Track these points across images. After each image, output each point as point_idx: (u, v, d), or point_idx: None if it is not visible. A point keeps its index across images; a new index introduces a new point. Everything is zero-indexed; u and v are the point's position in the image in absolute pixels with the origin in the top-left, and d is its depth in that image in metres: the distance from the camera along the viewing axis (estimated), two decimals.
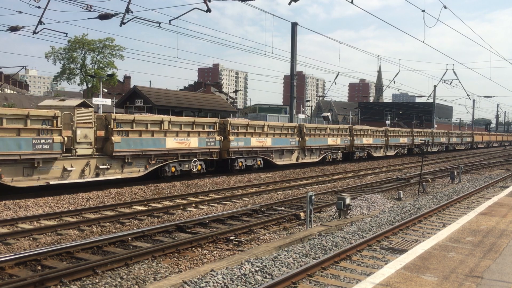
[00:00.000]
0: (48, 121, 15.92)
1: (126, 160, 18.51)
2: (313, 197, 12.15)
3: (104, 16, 19.56)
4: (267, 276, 8.05)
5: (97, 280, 7.94)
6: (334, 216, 13.78)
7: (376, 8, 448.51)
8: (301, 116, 57.82)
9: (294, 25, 36.92)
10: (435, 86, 67.66)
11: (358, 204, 15.57)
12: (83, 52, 70.77)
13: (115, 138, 17.99)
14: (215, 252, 10.05)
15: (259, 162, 26.07)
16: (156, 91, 42.84)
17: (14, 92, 70.30)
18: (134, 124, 18.98)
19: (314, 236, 11.08)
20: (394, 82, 46.80)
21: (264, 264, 8.47)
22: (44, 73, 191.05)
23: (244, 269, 8.09)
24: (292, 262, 8.84)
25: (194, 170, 21.76)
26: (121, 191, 17.43)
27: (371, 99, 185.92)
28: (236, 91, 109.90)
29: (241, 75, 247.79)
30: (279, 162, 27.76)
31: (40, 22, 19.97)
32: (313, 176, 25.21)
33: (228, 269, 8.09)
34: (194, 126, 21.80)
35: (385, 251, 10.03)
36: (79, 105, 17.23)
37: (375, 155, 39.81)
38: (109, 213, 13.97)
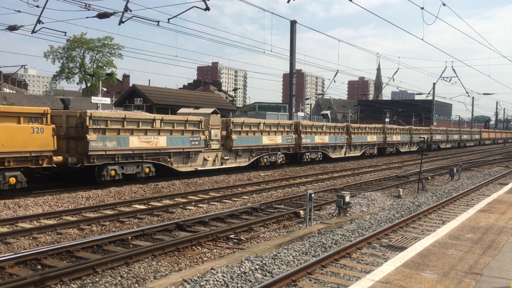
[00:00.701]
0: (197, 124, 21.93)
1: (238, 153, 24.91)
2: (312, 195, 12.15)
3: (103, 15, 19.55)
4: (267, 274, 8.06)
5: (97, 279, 7.95)
6: (333, 214, 13.79)
7: (375, 6, 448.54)
8: (301, 114, 57.81)
9: (293, 23, 36.91)
10: (434, 84, 67.65)
11: (358, 201, 15.58)
12: (82, 51, 70.79)
13: (233, 136, 24.35)
14: (215, 250, 10.06)
15: (319, 156, 32.00)
16: (155, 90, 42.83)
17: (13, 92, 70.25)
18: (243, 126, 25.26)
19: (313, 234, 11.10)
20: (394, 80, 46.86)
21: (264, 262, 8.48)
22: (43, 72, 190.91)
23: (244, 267, 8.11)
24: (292, 260, 8.85)
25: (279, 161, 27.88)
26: (120, 190, 17.43)
27: (371, 97, 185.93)
28: (235, 90, 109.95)
29: (241, 73, 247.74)
30: (333, 155, 33.82)
31: (38, 21, 19.96)
32: (313, 174, 25.23)
33: (228, 267, 8.10)
34: (279, 127, 27.99)
35: (384, 249, 10.04)
36: (212, 113, 24.09)
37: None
38: (109, 212, 13.98)
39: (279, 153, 27.78)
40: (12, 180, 14.98)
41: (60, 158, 16.50)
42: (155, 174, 19.89)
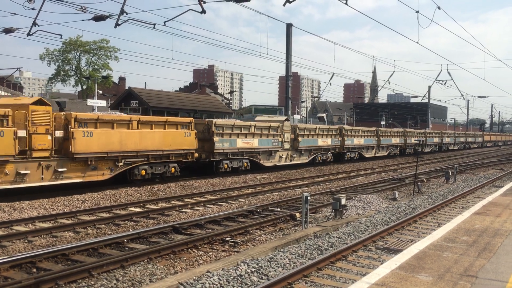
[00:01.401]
0: (276, 129, 28.03)
1: (302, 152, 31.09)
2: (308, 198, 12.17)
3: (98, 18, 19.52)
4: (263, 277, 8.06)
5: (92, 282, 7.92)
6: (329, 217, 13.81)
7: (370, 9, 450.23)
8: (297, 117, 57.87)
9: (289, 26, 37.00)
10: (429, 87, 67.97)
11: (354, 204, 15.61)
12: (78, 53, 70.60)
13: (299, 139, 30.34)
14: (211, 253, 10.05)
15: (356, 155, 38.69)
16: (151, 93, 42.70)
17: (9, 94, 69.93)
18: (305, 130, 31.39)
19: (309, 237, 11.10)
20: (389, 83, 47.12)
21: (260, 265, 8.48)
22: (39, 75, 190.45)
23: (240, 270, 8.10)
24: (288, 263, 8.85)
25: (328, 159, 34.30)
26: (116, 192, 17.39)
27: (366, 100, 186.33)
28: (231, 92, 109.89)
29: (237, 76, 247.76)
30: (366, 155, 40.47)
31: (34, 23, 19.90)
32: (309, 176, 25.25)
33: (224, 270, 8.09)
34: (329, 131, 34.60)
35: (380, 251, 10.06)
36: (285, 120, 29.86)
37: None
38: (104, 215, 13.94)
39: (329, 152, 34.33)
40: (173, 170, 21.31)
41: (197, 154, 22.51)
42: (249, 168, 26.24)
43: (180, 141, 21.23)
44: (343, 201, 13.51)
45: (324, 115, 58.89)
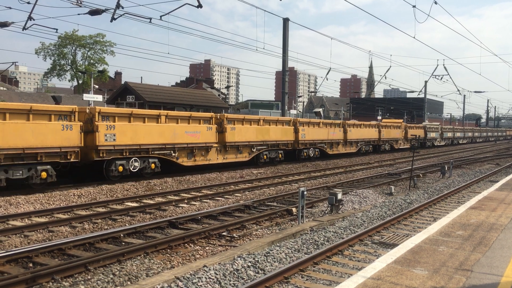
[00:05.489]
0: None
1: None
2: (305, 193, 12.18)
3: (94, 12, 19.44)
4: (260, 271, 8.08)
5: (89, 277, 7.93)
6: (326, 211, 13.84)
7: (366, 3, 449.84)
8: (293, 111, 57.76)
9: (285, 21, 36.89)
10: (426, 82, 67.94)
11: (350, 199, 15.64)
12: (74, 48, 70.32)
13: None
14: (207, 248, 10.07)
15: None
16: (147, 87, 42.59)
17: (4, 89, 69.62)
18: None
19: (306, 231, 11.14)
20: (386, 78, 47.61)
21: (256, 259, 8.50)
22: (34, 69, 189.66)
23: (236, 264, 8.12)
24: (284, 257, 8.88)
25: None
26: (113, 187, 17.37)
27: (363, 95, 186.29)
28: (228, 87, 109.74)
29: (233, 71, 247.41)
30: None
31: (29, 17, 19.81)
32: (305, 171, 25.28)
33: (221, 264, 8.11)
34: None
35: (376, 246, 10.10)
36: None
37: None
38: (101, 209, 13.92)
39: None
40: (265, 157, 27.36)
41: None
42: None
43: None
44: (340, 196, 13.54)
45: (320, 110, 58.81)
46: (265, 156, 27.44)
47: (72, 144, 16.67)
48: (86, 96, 35.73)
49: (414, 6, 22.13)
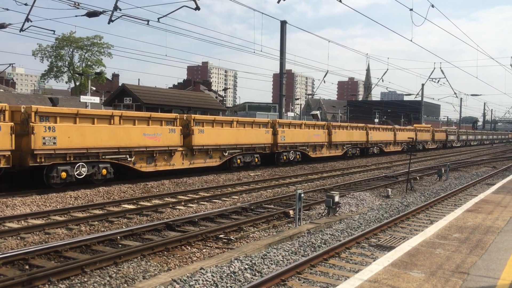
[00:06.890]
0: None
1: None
2: (302, 195, 12.19)
3: (92, 14, 19.44)
4: (257, 273, 8.07)
5: (85, 279, 7.90)
6: (323, 214, 13.84)
7: (364, 6, 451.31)
8: (291, 114, 57.85)
9: (283, 24, 36.95)
10: (423, 85, 68.24)
11: (347, 201, 15.65)
12: (71, 50, 70.25)
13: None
14: (204, 250, 10.05)
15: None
16: (145, 89, 42.53)
17: (1, 90, 69.46)
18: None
19: (303, 234, 11.13)
20: (383, 81, 47.32)
21: (253, 262, 8.49)
22: (32, 71, 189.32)
23: (233, 267, 8.11)
24: (281, 260, 8.87)
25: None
26: (109, 189, 17.34)
27: (360, 97, 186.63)
28: (225, 89, 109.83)
29: (230, 73, 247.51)
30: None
31: (27, 19, 19.80)
32: (302, 174, 25.29)
33: (218, 267, 8.10)
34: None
35: (373, 248, 10.11)
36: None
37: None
38: (97, 211, 13.89)
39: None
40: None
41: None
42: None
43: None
44: (337, 198, 13.54)
45: (318, 112, 58.99)
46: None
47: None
48: (83, 98, 35.72)
49: (411, 9, 22.21)
